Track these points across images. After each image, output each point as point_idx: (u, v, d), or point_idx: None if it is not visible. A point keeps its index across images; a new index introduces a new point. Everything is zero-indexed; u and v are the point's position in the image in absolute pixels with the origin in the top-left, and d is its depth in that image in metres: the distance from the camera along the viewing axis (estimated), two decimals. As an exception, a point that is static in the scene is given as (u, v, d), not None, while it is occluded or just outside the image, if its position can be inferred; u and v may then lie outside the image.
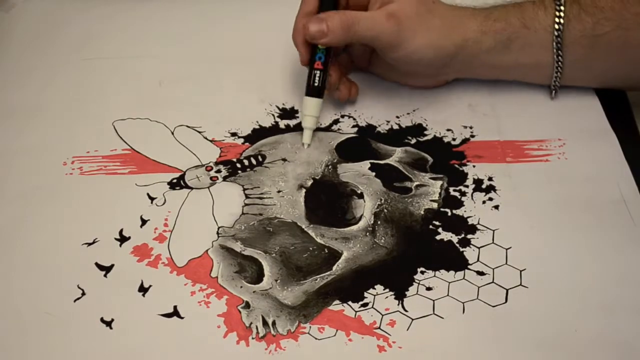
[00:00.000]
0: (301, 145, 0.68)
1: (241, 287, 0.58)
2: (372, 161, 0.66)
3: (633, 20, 0.64)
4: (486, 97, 0.71)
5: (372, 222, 0.62)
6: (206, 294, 0.58)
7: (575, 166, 0.65)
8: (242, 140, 0.69)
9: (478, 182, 0.64)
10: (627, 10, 0.64)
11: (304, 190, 0.64)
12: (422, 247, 0.60)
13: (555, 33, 0.65)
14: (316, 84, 0.67)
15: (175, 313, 0.56)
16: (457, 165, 0.66)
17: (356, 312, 0.56)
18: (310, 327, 0.55)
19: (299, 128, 0.69)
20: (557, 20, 0.65)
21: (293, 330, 0.55)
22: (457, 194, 0.64)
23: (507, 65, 0.68)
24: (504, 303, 0.56)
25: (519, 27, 0.66)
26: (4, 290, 0.58)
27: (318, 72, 0.66)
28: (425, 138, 0.69)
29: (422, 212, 0.63)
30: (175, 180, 0.66)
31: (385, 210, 0.63)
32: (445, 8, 0.66)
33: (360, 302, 0.57)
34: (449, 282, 0.58)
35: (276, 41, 0.79)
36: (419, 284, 0.58)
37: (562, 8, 0.65)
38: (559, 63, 0.66)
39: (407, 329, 0.55)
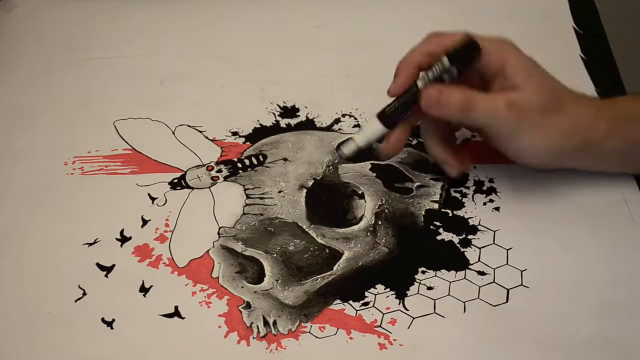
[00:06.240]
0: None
1: (242, 287, 0.58)
2: (373, 162, 0.66)
3: None
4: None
5: (373, 222, 0.62)
6: (207, 294, 0.58)
7: (576, 166, 0.65)
8: (243, 139, 0.69)
9: (479, 184, 0.64)
10: None
11: (304, 191, 0.64)
12: (423, 247, 0.60)
13: None
14: (387, 112, 0.60)
15: (176, 313, 0.56)
16: (457, 166, 0.66)
17: (357, 311, 0.56)
18: (311, 326, 0.55)
19: (299, 127, 0.69)
20: None
21: (294, 329, 0.55)
22: (457, 194, 0.64)
23: (622, 163, 0.62)
24: (505, 303, 0.56)
25: None
26: (5, 290, 0.58)
27: (399, 107, 0.59)
28: (426, 138, 0.69)
29: (423, 213, 0.63)
30: (176, 180, 0.66)
31: (386, 211, 0.63)
32: (574, 103, 0.59)
33: (361, 302, 0.57)
34: (450, 282, 0.58)
35: (277, 40, 0.79)
36: (419, 283, 0.58)
37: None
38: None
39: (408, 327, 0.55)
